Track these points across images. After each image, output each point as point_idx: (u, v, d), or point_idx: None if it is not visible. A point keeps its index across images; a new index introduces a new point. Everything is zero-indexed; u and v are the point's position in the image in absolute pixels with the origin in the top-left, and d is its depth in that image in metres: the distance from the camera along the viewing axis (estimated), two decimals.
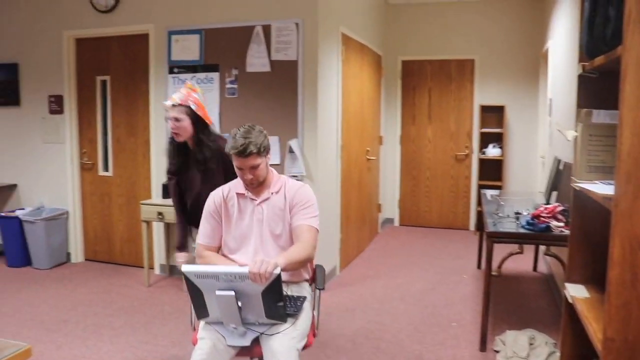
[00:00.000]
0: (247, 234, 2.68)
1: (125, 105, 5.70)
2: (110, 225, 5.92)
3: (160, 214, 5.00)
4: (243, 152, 2.50)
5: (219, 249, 2.75)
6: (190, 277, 2.21)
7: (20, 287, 5.11)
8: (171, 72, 5.25)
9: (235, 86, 5.00)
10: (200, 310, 2.34)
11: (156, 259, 5.57)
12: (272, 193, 2.69)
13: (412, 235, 7.40)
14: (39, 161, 5.95)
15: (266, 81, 4.89)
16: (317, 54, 4.77)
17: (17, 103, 6.05)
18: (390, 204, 7.88)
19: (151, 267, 5.42)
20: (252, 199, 2.69)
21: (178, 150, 3.40)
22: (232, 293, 2.19)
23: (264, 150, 2.58)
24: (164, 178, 5.28)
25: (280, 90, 4.86)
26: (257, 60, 4.90)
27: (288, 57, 4.81)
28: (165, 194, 5.16)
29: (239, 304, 2.22)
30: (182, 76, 5.19)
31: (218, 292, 2.20)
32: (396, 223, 7.95)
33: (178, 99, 3.28)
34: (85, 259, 6.09)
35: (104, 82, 5.79)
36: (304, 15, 4.75)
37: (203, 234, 2.74)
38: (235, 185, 2.74)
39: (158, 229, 5.48)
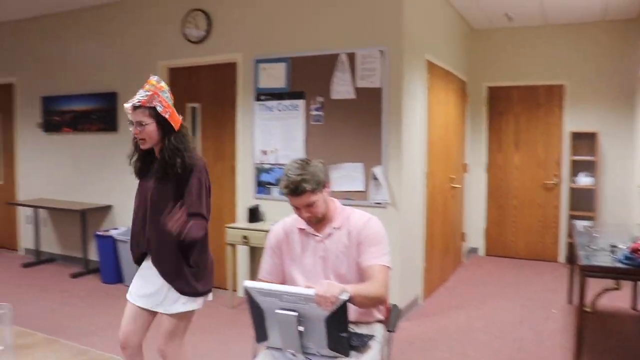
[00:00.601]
0: (312, 272, 2.48)
1: (213, 131, 5.90)
2: None
3: (245, 237, 5.10)
4: (295, 191, 2.35)
5: None
6: (253, 293, 2.12)
7: (113, 303, 5.34)
8: (258, 99, 5.40)
9: (320, 113, 5.07)
10: (260, 332, 2.23)
11: (240, 281, 5.67)
12: (334, 228, 2.49)
13: (498, 265, 7.17)
14: (132, 184, 6.22)
15: (351, 108, 4.93)
16: (402, 81, 4.76)
17: (114, 129, 6.41)
18: (475, 233, 7.68)
19: (235, 290, 5.52)
20: (314, 235, 2.51)
21: (141, 156, 2.84)
22: (294, 314, 2.07)
23: (319, 186, 2.39)
24: (250, 202, 5.42)
25: (364, 117, 4.88)
26: (341, 88, 4.96)
27: (372, 85, 4.83)
28: (251, 218, 5.26)
29: (301, 328, 2.09)
30: (269, 103, 5.32)
31: (278, 311, 2.10)
32: (481, 253, 7.74)
33: (140, 99, 2.67)
34: None
35: (194, 109, 6.03)
36: (388, 43, 4.77)
37: (264, 269, 2.61)
38: (297, 220, 2.55)
39: (243, 252, 5.58)
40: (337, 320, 2.07)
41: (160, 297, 2.73)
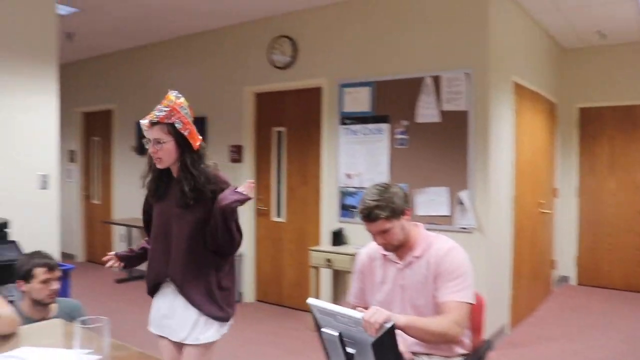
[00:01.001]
0: (389, 301, 2.39)
1: (298, 154, 6.00)
2: (281, 269, 6.19)
3: (328, 260, 5.13)
4: (368, 217, 2.30)
5: None
6: (314, 311, 2.11)
7: None
8: (343, 123, 5.45)
9: (405, 137, 5.05)
10: (325, 351, 2.19)
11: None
12: (414, 257, 2.39)
13: (592, 296, 6.80)
14: None
15: (436, 132, 4.88)
16: (488, 104, 4.67)
17: None
18: (565, 261, 7.34)
19: None
20: (395, 262, 2.44)
21: (157, 176, 2.63)
22: (336, 333, 2.04)
23: (395, 213, 2.30)
24: (334, 226, 5.45)
25: (450, 141, 4.81)
26: (426, 111, 4.92)
27: (458, 108, 4.77)
28: (335, 242, 5.29)
29: (352, 350, 2.06)
30: (353, 127, 5.36)
31: (323, 330, 2.07)
32: (573, 282, 7.38)
33: (158, 115, 2.49)
34: (257, 300, 6.40)
35: (279, 133, 6.17)
36: (474, 65, 4.70)
37: (351, 293, 2.59)
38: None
39: (326, 275, 5.60)
40: (385, 347, 2.02)
41: (188, 327, 2.54)
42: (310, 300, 2.12)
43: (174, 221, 2.54)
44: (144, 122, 2.50)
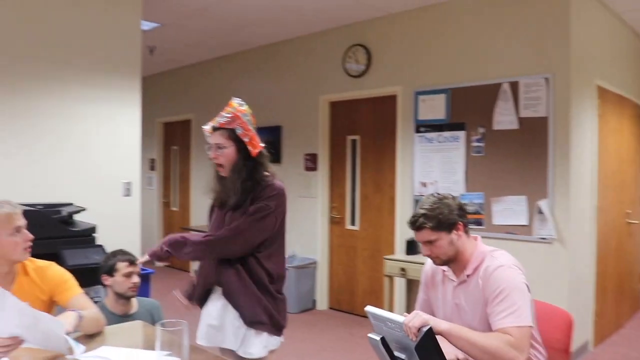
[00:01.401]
0: (449, 319, 2.25)
1: (372, 163, 5.99)
2: (354, 277, 6.17)
3: (402, 269, 5.07)
4: (413, 225, 2.25)
5: None
6: (370, 317, 2.09)
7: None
8: (417, 131, 5.40)
9: (481, 144, 4.95)
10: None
11: (396, 313, 5.62)
12: (466, 275, 2.26)
13: None
14: (294, 213, 6.46)
15: (514, 139, 4.75)
16: (570, 110, 4.50)
17: (278, 161, 6.75)
18: None
19: None
20: (452, 280, 2.34)
21: (219, 181, 2.65)
22: (378, 338, 2.03)
23: (444, 225, 2.21)
24: (408, 234, 5.39)
25: (528, 148, 4.67)
26: (504, 118, 4.80)
27: (537, 114, 4.62)
28: (409, 251, 5.23)
29: (402, 355, 2.02)
30: (428, 135, 5.30)
31: (369, 335, 2.07)
32: None
33: (220, 121, 2.55)
34: (329, 307, 6.42)
35: (354, 141, 6.18)
36: (554, 70, 4.55)
37: (418, 303, 2.53)
38: None
39: (400, 284, 5.55)
40: (427, 352, 1.96)
41: (239, 338, 2.52)
42: (368, 308, 2.10)
43: (224, 226, 2.54)
44: (206, 127, 2.56)
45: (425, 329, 1.93)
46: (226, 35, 6.64)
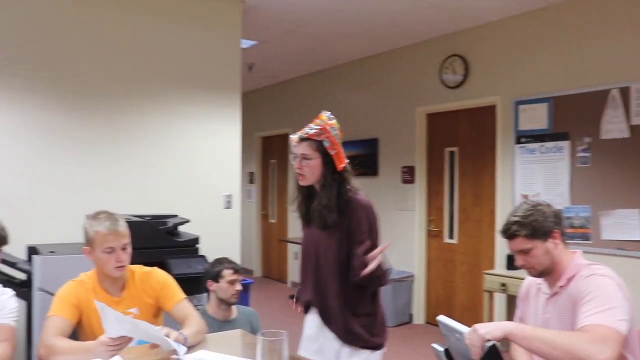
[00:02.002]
0: None
1: (471, 175, 5.85)
2: (452, 291, 6.04)
3: (503, 285, 4.90)
4: (505, 233, 2.14)
5: None
6: (441, 327, 2.00)
7: None
8: (518, 142, 5.22)
9: (587, 155, 4.70)
10: None
11: None
12: (559, 287, 2.11)
13: None
14: (391, 226, 6.44)
15: (624, 148, 4.48)
16: None
17: (375, 173, 6.74)
18: None
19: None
20: (544, 293, 2.20)
21: (305, 197, 2.58)
22: (442, 349, 1.95)
23: (539, 234, 2.08)
24: (509, 249, 5.21)
25: None
26: (613, 126, 4.54)
27: None
28: (510, 266, 5.05)
29: None
30: (530, 146, 5.11)
31: (433, 345, 2.00)
32: None
33: (308, 132, 2.51)
34: (426, 322, 6.30)
35: (451, 153, 6.07)
36: None
37: (516, 319, 2.40)
38: None
39: (500, 300, 5.37)
40: None
41: (332, 355, 2.50)
42: (440, 317, 2.01)
43: (319, 244, 2.52)
44: (294, 137, 2.52)
45: (488, 344, 1.81)
46: (321, 51, 6.75)
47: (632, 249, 4.38)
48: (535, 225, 2.08)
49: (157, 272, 2.57)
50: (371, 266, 2.28)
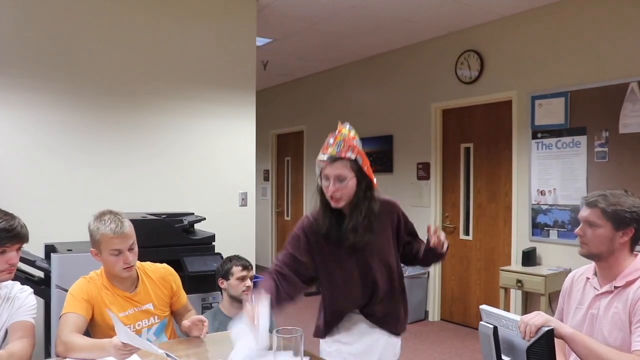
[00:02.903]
0: (581, 329, 2.12)
1: (487, 171, 5.81)
2: (468, 288, 6.01)
3: (519, 281, 4.87)
4: (587, 198, 2.09)
5: None
6: (483, 314, 2.03)
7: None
8: (534, 137, 5.18)
9: (605, 149, 4.66)
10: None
11: None
12: (615, 287, 2.03)
13: None
14: None
15: None
16: None
17: (390, 170, 6.73)
18: None
19: None
20: (595, 288, 2.13)
21: (333, 217, 2.35)
22: (491, 326, 1.95)
23: (616, 218, 2.02)
24: (525, 245, 5.18)
25: None
26: (632, 120, 4.49)
27: None
28: (526, 262, 5.02)
29: (506, 358, 1.94)
30: (546, 141, 5.07)
31: (481, 322, 2.00)
32: None
33: (339, 150, 2.25)
34: (441, 319, 6.29)
35: (467, 149, 6.03)
36: None
37: (556, 313, 2.38)
38: (589, 268, 2.21)
39: (516, 296, 5.34)
40: (539, 355, 1.84)
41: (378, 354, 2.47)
42: (482, 306, 2.05)
43: (339, 266, 2.38)
44: (323, 157, 2.27)
45: (546, 328, 1.84)
46: (335, 48, 6.74)
47: None
48: (618, 209, 2.02)
49: (173, 271, 2.66)
50: (443, 238, 2.30)
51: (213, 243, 4.00)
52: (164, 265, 2.68)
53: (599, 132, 4.71)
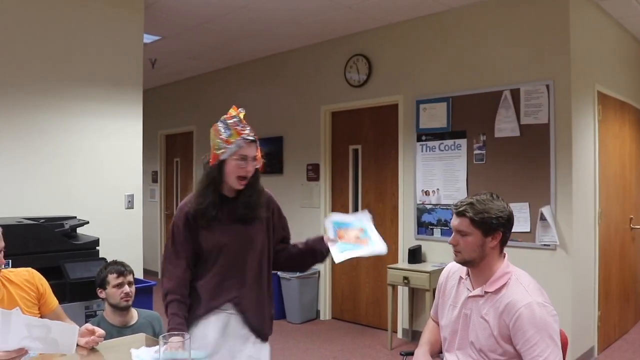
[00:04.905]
0: (454, 328, 2.23)
1: (374, 172, 5.99)
2: (357, 286, 6.16)
3: (405, 278, 5.07)
4: (457, 207, 2.18)
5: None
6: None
7: (275, 338, 5.47)
8: (419, 139, 5.41)
9: (483, 152, 4.95)
10: None
11: (400, 322, 5.62)
12: (484, 292, 2.14)
13: None
14: (297, 223, 6.44)
15: (515, 146, 4.76)
16: (571, 116, 4.51)
17: (281, 171, 6.76)
18: None
19: (394, 331, 5.47)
20: (468, 289, 2.22)
21: (215, 200, 2.45)
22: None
23: (484, 226, 2.11)
24: (411, 243, 5.39)
25: (530, 155, 4.67)
26: (505, 125, 4.81)
27: (538, 121, 4.63)
28: (412, 259, 5.22)
29: None
30: (430, 143, 5.31)
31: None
32: None
33: (251, 133, 2.47)
34: (332, 317, 6.39)
35: (355, 151, 6.19)
36: (555, 77, 4.56)
37: (433, 307, 2.49)
38: (464, 267, 2.28)
39: (403, 293, 5.54)
40: None
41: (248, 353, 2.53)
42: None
43: (249, 238, 2.46)
44: (249, 138, 2.42)
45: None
46: (226, 48, 6.67)
47: (522, 240, 4.66)
48: (485, 216, 2.12)
49: (39, 275, 2.56)
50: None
51: (97, 248, 3.81)
52: (28, 268, 2.54)
53: (477, 136, 5.00)
